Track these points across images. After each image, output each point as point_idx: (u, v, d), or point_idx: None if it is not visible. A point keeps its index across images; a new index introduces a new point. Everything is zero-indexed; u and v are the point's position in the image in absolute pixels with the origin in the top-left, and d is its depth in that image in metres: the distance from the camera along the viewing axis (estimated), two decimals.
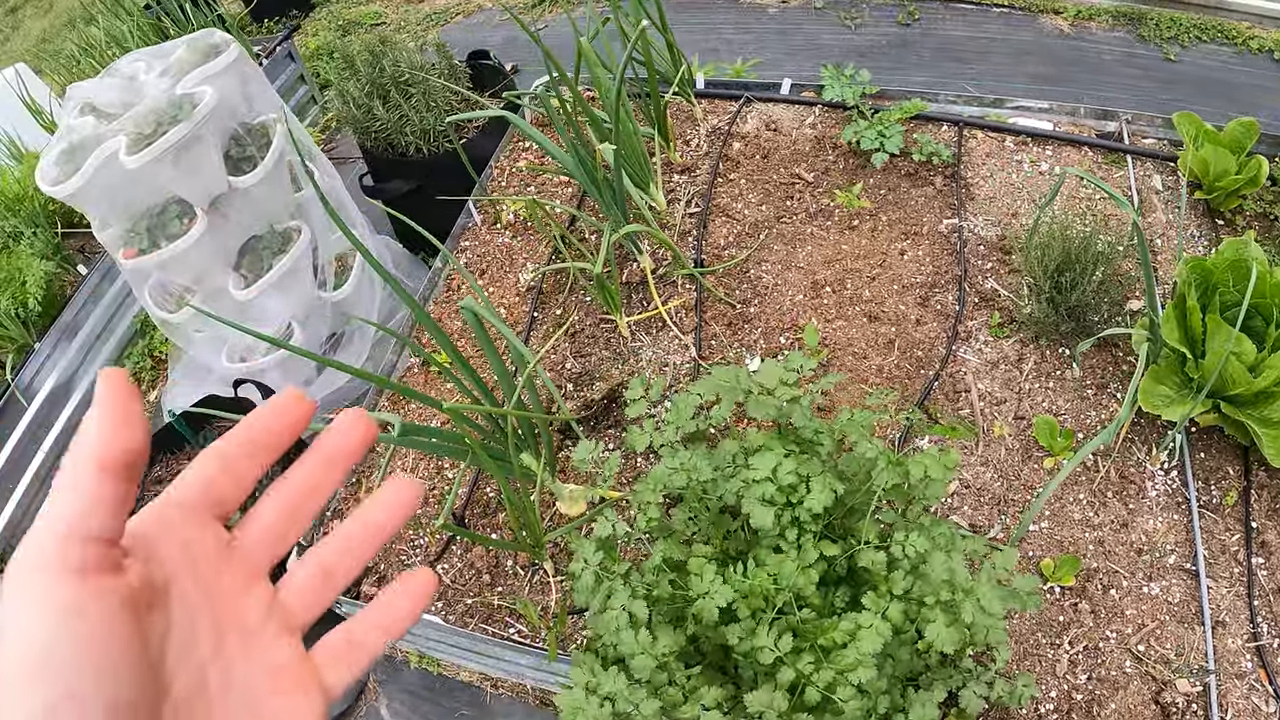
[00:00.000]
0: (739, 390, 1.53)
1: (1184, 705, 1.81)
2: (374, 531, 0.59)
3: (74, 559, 0.45)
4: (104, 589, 0.45)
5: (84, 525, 0.46)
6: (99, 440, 0.47)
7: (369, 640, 0.58)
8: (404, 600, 0.60)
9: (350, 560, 0.59)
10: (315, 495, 0.58)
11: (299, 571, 0.58)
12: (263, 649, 0.53)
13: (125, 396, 0.49)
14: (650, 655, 1.42)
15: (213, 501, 0.54)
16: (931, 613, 1.37)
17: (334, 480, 0.59)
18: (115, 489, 0.47)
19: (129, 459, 0.48)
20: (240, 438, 0.55)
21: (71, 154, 2.71)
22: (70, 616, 0.44)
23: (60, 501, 0.46)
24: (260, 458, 0.56)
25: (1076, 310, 2.26)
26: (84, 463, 0.47)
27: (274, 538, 0.57)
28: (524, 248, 2.79)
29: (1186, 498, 2.07)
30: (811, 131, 2.90)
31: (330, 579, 0.58)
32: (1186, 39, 3.99)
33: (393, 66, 3.08)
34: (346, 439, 0.58)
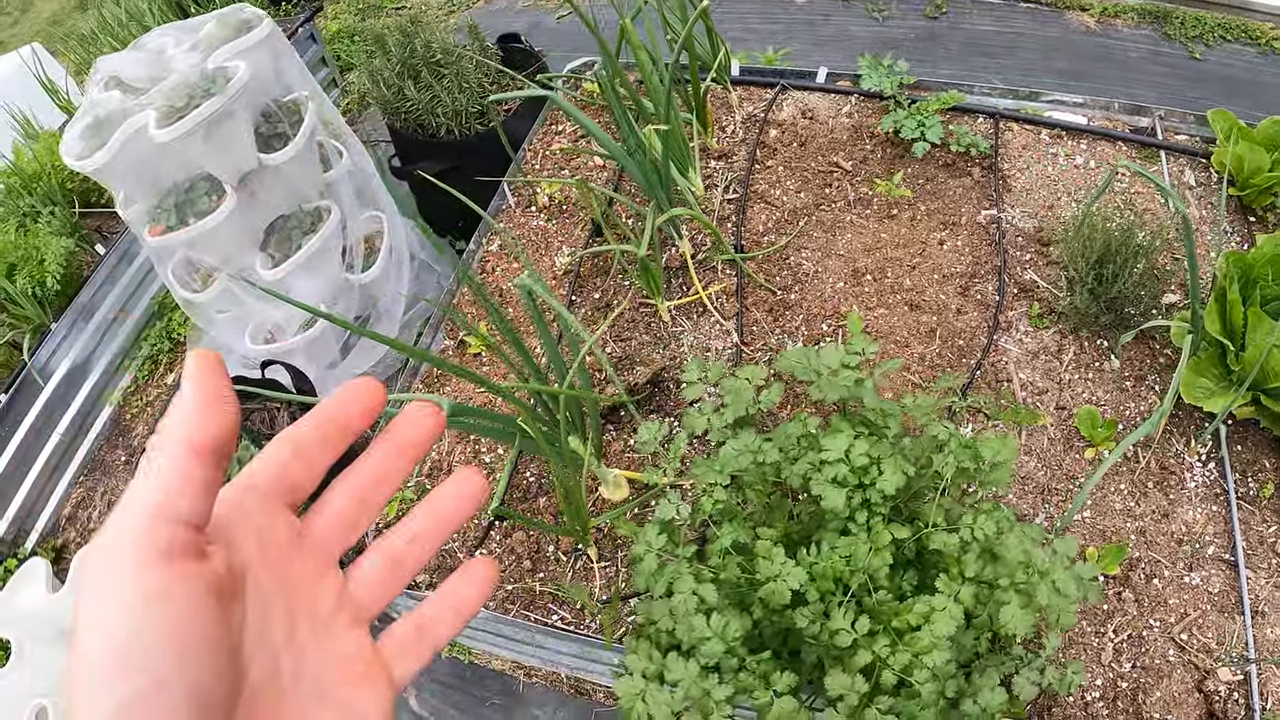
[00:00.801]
0: (811, 370, 1.53)
1: (1226, 694, 1.83)
2: (442, 522, 0.59)
3: (162, 542, 0.44)
4: (190, 574, 0.44)
5: (173, 508, 0.45)
6: (192, 421, 0.46)
7: (436, 630, 0.58)
8: (469, 588, 0.59)
9: (418, 550, 0.58)
10: (385, 484, 0.57)
11: (367, 562, 0.57)
12: (333, 639, 0.53)
13: (218, 378, 0.48)
14: (721, 640, 1.42)
15: (286, 488, 0.54)
16: (1005, 595, 1.38)
17: (403, 470, 0.58)
18: (205, 472, 0.46)
19: (220, 442, 0.47)
20: (313, 424, 0.55)
21: (97, 128, 2.69)
22: (158, 602, 0.43)
23: (149, 483, 0.45)
24: (333, 444, 0.55)
25: (1116, 302, 2.26)
26: (176, 444, 0.46)
27: (344, 527, 0.56)
28: (559, 231, 2.78)
29: (1225, 489, 2.08)
30: (848, 120, 2.90)
31: (398, 569, 0.58)
32: (1211, 38, 4.01)
33: (425, 47, 3.07)
34: (416, 429, 0.58)
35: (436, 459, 2.36)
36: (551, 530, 2.05)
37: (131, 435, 3.66)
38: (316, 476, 0.55)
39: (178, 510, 0.45)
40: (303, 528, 0.55)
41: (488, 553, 2.17)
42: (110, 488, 3.52)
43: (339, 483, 0.57)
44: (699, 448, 2.23)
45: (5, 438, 3.45)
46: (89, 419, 3.72)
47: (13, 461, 3.43)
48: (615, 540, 2.12)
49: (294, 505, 0.54)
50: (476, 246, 2.78)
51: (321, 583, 0.54)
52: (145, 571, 0.43)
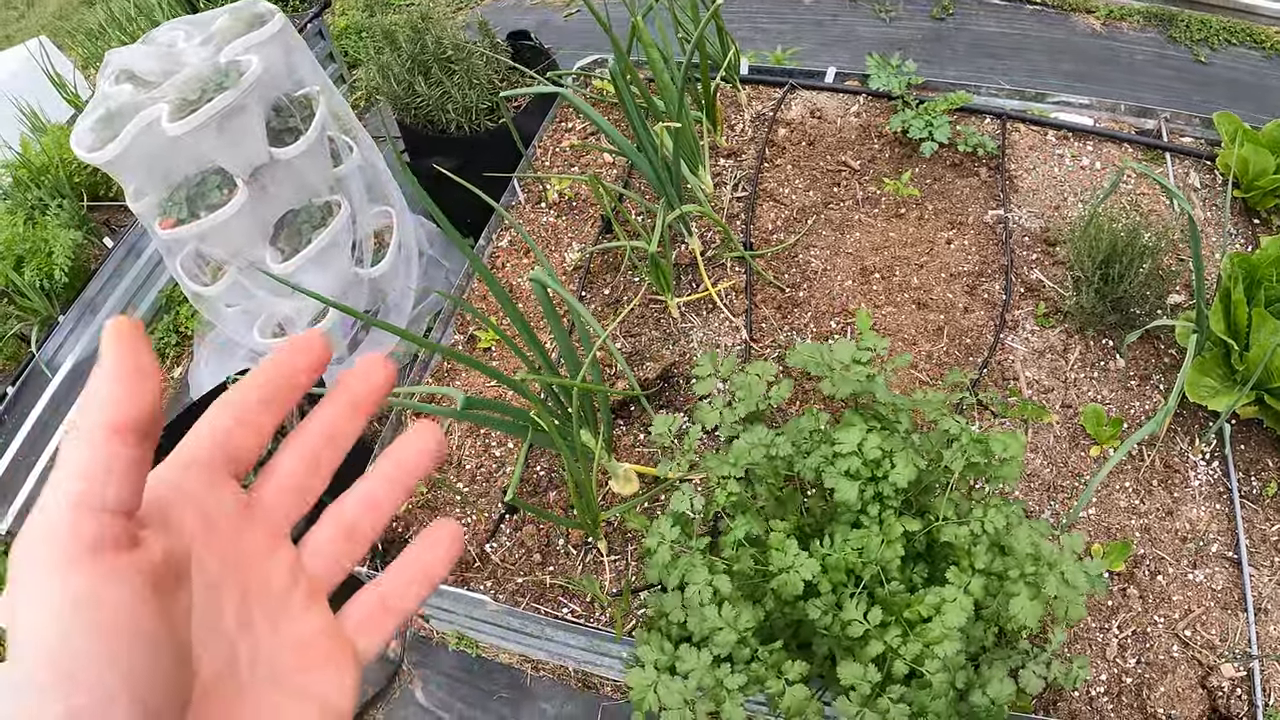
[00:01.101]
0: (824, 365, 1.55)
1: (1229, 689, 1.85)
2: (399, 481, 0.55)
3: (88, 535, 0.39)
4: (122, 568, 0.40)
5: (97, 496, 0.40)
6: (110, 399, 0.41)
7: (403, 600, 0.54)
8: (435, 551, 0.55)
9: (375, 515, 0.54)
10: (336, 444, 0.53)
11: (320, 531, 0.53)
12: (291, 619, 0.49)
13: (136, 348, 0.42)
14: (734, 630, 1.44)
15: (229, 458, 0.49)
16: (1015, 586, 1.39)
17: (355, 428, 0.54)
18: (131, 454, 0.41)
19: (144, 418, 0.41)
20: (255, 383, 0.50)
21: (109, 121, 2.70)
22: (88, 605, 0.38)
23: (69, 471, 0.40)
24: (278, 405, 0.51)
25: (1121, 302, 2.28)
26: (95, 426, 0.40)
27: (294, 494, 0.52)
28: (569, 227, 2.80)
29: (1228, 488, 2.10)
30: (856, 120, 2.92)
31: (353, 537, 0.53)
32: (1216, 41, 4.03)
33: (435, 43, 3.08)
34: (366, 381, 0.54)
35: (446, 452, 2.37)
36: (562, 523, 2.07)
37: None
38: (262, 442, 0.51)
39: (103, 498, 0.40)
40: (250, 499, 0.50)
41: (497, 545, 2.19)
42: None
43: (286, 445, 0.53)
44: (708, 443, 2.25)
45: (12, 430, 3.47)
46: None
47: (19, 454, 3.45)
48: (625, 534, 2.14)
49: (239, 475, 0.50)
50: (486, 242, 2.79)
51: (273, 557, 0.50)
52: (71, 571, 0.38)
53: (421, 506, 2.29)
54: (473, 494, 2.28)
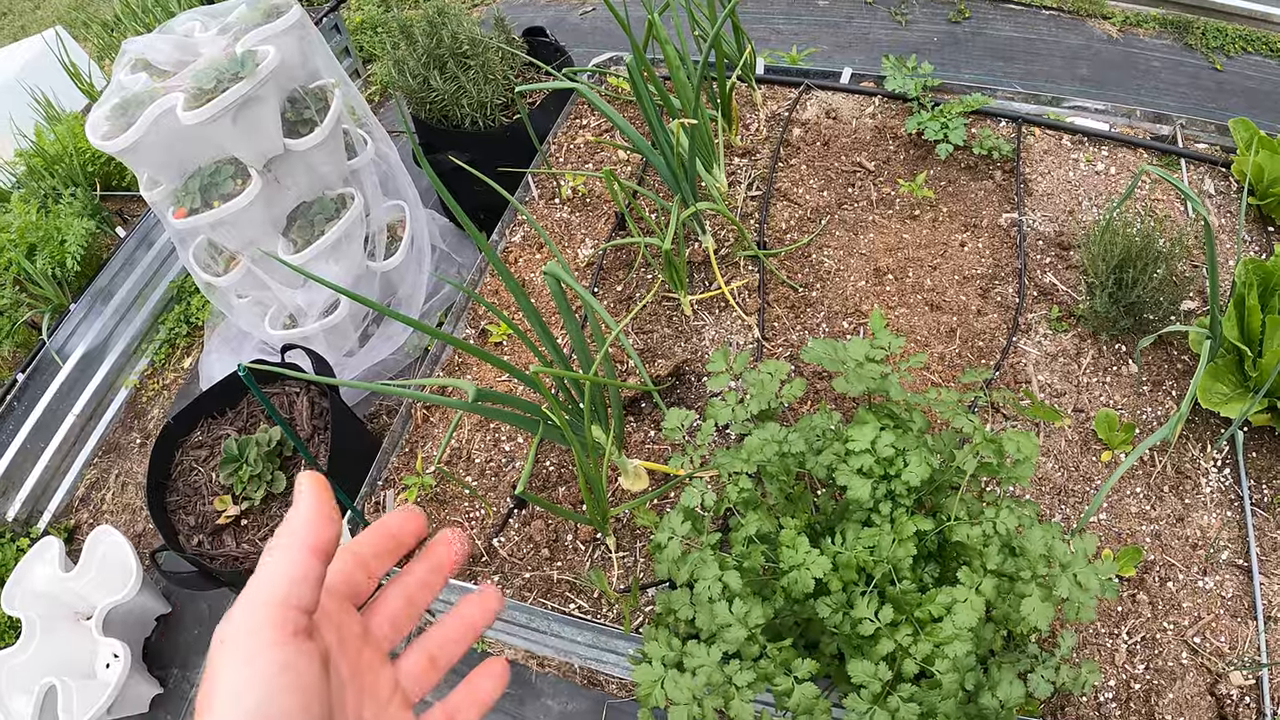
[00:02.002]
0: (838, 362, 1.54)
1: (1238, 697, 1.83)
2: (469, 628, 0.74)
3: (290, 623, 0.54)
4: (308, 650, 0.55)
5: (296, 596, 0.55)
6: (311, 528, 0.57)
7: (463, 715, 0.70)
8: (489, 681, 0.72)
9: (450, 651, 0.72)
10: (427, 591, 0.72)
11: (411, 658, 0.70)
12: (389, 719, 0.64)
13: (326, 494, 0.60)
14: (743, 626, 1.43)
15: (350, 592, 0.67)
16: (1027, 587, 1.39)
17: (440, 581, 0.73)
18: (318, 569, 0.57)
19: (331, 547, 0.58)
20: (371, 540, 0.69)
21: (124, 109, 2.71)
22: (284, 672, 0.53)
23: (274, 575, 0.56)
24: (387, 558, 0.69)
25: (1135, 307, 2.27)
26: (300, 546, 0.57)
27: (395, 626, 0.69)
28: (583, 224, 2.79)
29: (1240, 495, 2.09)
30: (871, 121, 2.91)
31: (435, 664, 0.70)
32: (1232, 48, 4.01)
33: (451, 38, 3.08)
34: (450, 549, 0.73)
35: (457, 446, 2.37)
36: (572, 518, 2.06)
37: (147, 418, 3.68)
38: (373, 584, 0.69)
39: (300, 599, 0.55)
40: (365, 623, 0.67)
41: (505, 540, 2.19)
42: (124, 470, 3.53)
43: (393, 586, 0.71)
44: (720, 440, 2.25)
45: (22, 417, 3.48)
46: (105, 401, 3.74)
47: (28, 441, 3.46)
48: (634, 530, 2.14)
49: (356, 605, 0.67)
50: (499, 238, 2.79)
51: (381, 672, 0.66)
52: (277, 648, 0.53)
53: (430, 500, 2.29)
54: (482, 487, 2.28)
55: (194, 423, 2.92)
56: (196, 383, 3.58)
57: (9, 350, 3.85)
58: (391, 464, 2.37)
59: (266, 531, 2.62)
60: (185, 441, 2.89)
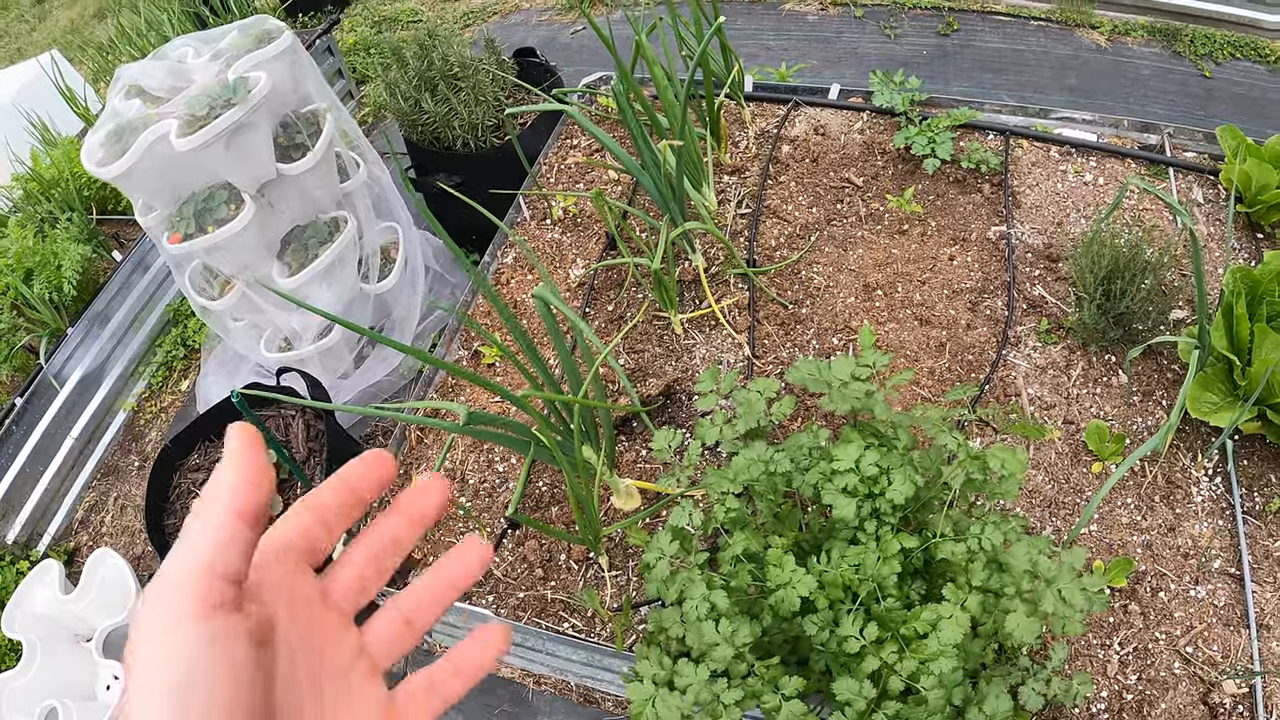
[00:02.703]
0: (822, 382, 1.56)
1: (1230, 706, 1.84)
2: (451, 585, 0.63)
3: (213, 594, 0.49)
4: (234, 625, 0.49)
5: (221, 564, 0.49)
6: (238, 491, 0.51)
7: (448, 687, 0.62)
8: (479, 650, 0.63)
9: (428, 610, 0.63)
10: (397, 549, 0.62)
11: (382, 618, 0.62)
12: (351, 690, 0.57)
13: (258, 451, 0.53)
14: (730, 645, 1.44)
15: (307, 550, 0.58)
16: (1012, 603, 1.40)
17: (413, 536, 0.63)
18: (247, 535, 0.51)
19: (261, 510, 0.52)
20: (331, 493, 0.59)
21: (119, 135, 2.72)
22: (208, 649, 0.48)
23: (197, 542, 0.50)
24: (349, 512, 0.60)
25: (1124, 318, 2.28)
26: (223, 510, 0.50)
27: (359, 587, 0.61)
28: (574, 244, 2.81)
29: (1231, 504, 2.09)
30: (860, 137, 2.93)
31: (410, 626, 0.62)
32: (1221, 55, 4.03)
33: (442, 60, 3.10)
34: (426, 499, 0.63)
35: (450, 467, 2.38)
36: (564, 538, 2.08)
37: (145, 441, 3.69)
38: (334, 541, 0.60)
39: (225, 567, 0.49)
40: (324, 586, 0.59)
41: (500, 560, 2.20)
42: (123, 493, 3.54)
43: (357, 543, 0.62)
44: (709, 459, 2.26)
45: (20, 441, 3.49)
46: (103, 424, 3.75)
47: (27, 465, 3.47)
48: (626, 550, 2.15)
49: (314, 565, 0.59)
50: (491, 259, 2.81)
51: (341, 637, 0.58)
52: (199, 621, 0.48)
53: None
54: (475, 508, 2.29)
55: (192, 445, 2.93)
56: (194, 405, 3.59)
57: (7, 374, 3.86)
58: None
59: None
60: (183, 464, 2.90)
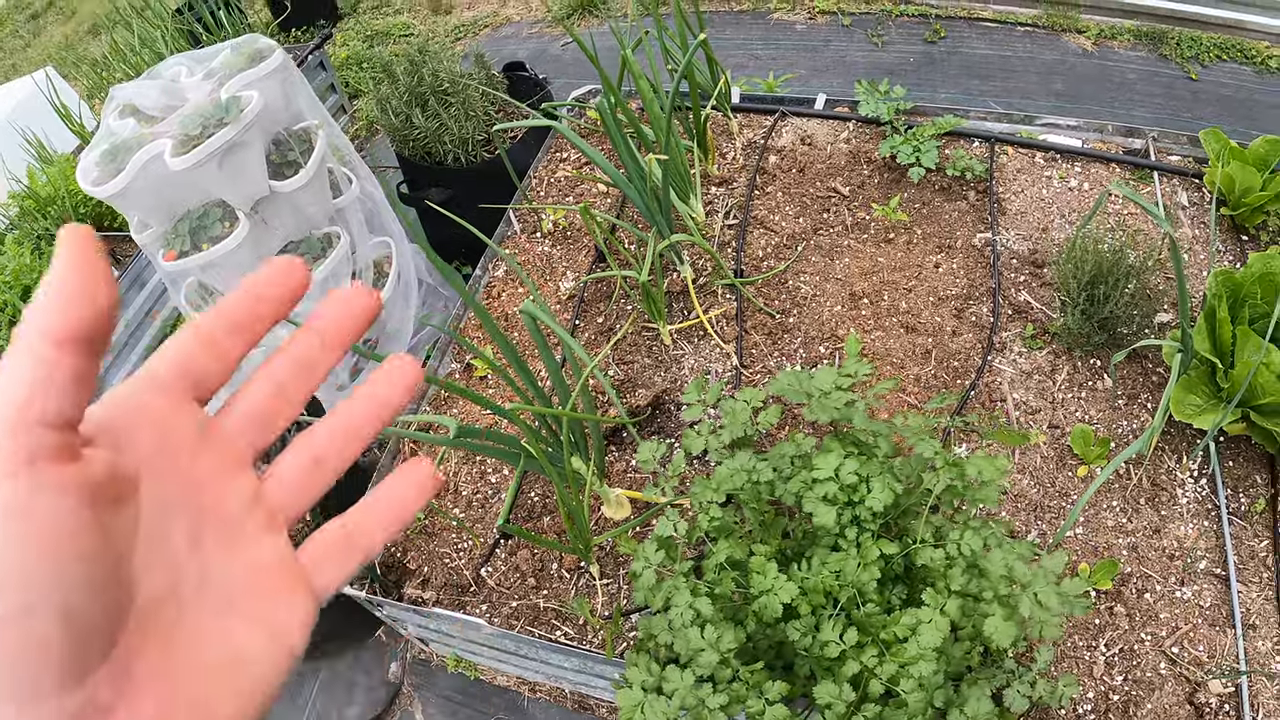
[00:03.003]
0: (802, 393, 1.58)
1: (1217, 706, 1.86)
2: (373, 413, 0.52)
3: (22, 448, 0.37)
4: (58, 481, 0.38)
5: (35, 408, 0.38)
6: (55, 307, 0.38)
7: (368, 536, 0.52)
8: (408, 490, 0.53)
9: (343, 445, 0.52)
10: (307, 375, 0.51)
11: (286, 459, 0.51)
12: (244, 545, 0.48)
13: (88, 256, 0.40)
14: (715, 651, 1.47)
15: (191, 381, 0.47)
16: (990, 607, 1.42)
17: (329, 359, 0.51)
18: (73, 364, 0.39)
19: (89, 328, 0.39)
20: (224, 308, 0.48)
21: (114, 155, 2.76)
22: (19, 516, 0.37)
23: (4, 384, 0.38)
24: (245, 331, 0.48)
25: (1108, 322, 2.31)
26: (36, 335, 0.38)
27: (260, 422, 0.50)
28: (564, 256, 2.84)
29: (1216, 505, 2.11)
30: (846, 146, 2.96)
31: (320, 466, 0.51)
32: (1207, 58, 4.06)
33: (432, 76, 3.14)
34: (348, 308, 0.51)
35: (443, 479, 2.41)
36: (555, 547, 2.10)
37: None
38: (226, 369, 0.48)
39: (42, 411, 0.38)
40: (211, 423, 0.48)
41: (493, 570, 2.22)
42: None
43: (257, 374, 0.51)
44: (700, 468, 2.28)
45: None
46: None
47: None
48: (617, 558, 2.17)
49: (202, 399, 0.48)
50: (483, 272, 2.84)
51: (231, 483, 0.48)
52: (6, 481, 0.37)
53: (419, 533, 2.33)
54: (469, 519, 2.32)
55: None
56: None
57: None
58: None
59: None
60: None
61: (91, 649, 0.40)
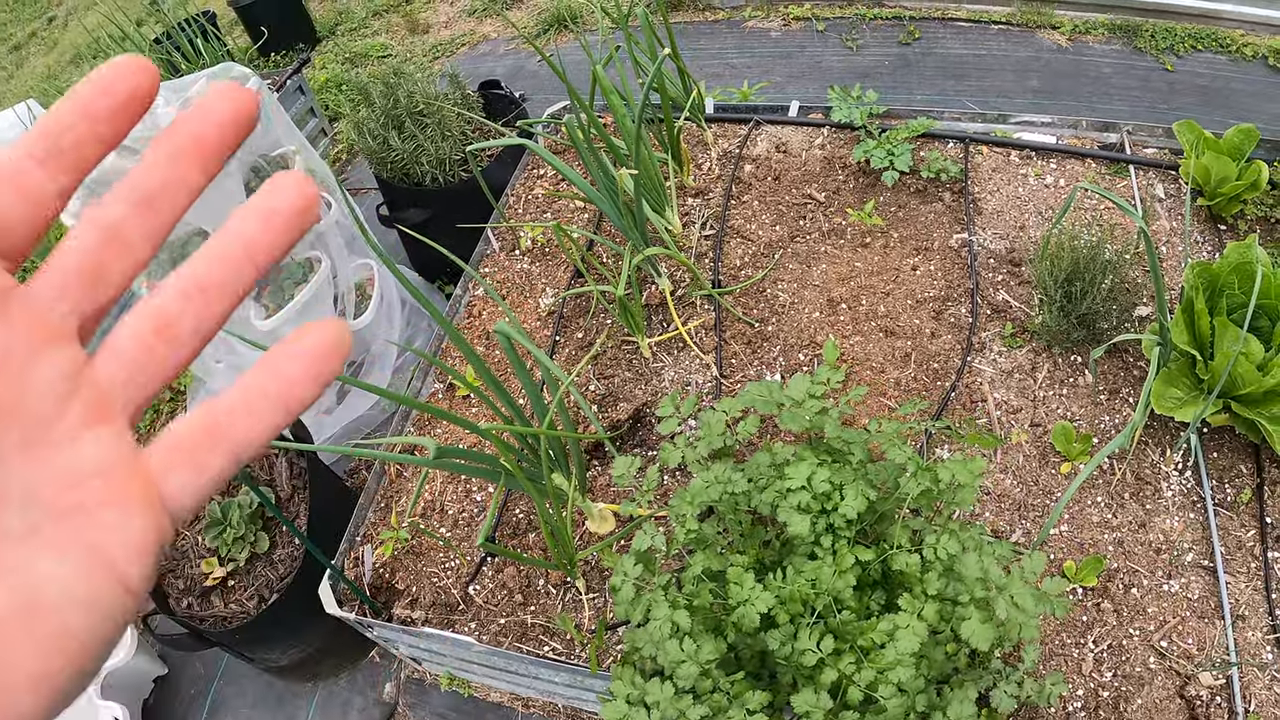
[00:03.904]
0: (773, 403, 1.59)
1: (1208, 698, 1.85)
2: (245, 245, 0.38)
3: None
4: None
5: None
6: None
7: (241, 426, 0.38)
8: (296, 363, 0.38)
9: (201, 306, 0.37)
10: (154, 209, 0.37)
11: (123, 328, 0.37)
12: (57, 442, 0.35)
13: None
14: (695, 663, 1.47)
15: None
16: (966, 610, 1.42)
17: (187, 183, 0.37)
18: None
19: None
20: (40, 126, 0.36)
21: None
22: None
23: None
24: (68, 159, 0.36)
25: (1087, 318, 2.31)
26: None
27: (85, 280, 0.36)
28: (543, 273, 2.85)
29: (1202, 496, 2.11)
30: (821, 152, 2.96)
31: (170, 332, 0.37)
32: (1182, 48, 4.07)
33: (407, 98, 3.15)
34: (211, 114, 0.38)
35: (430, 499, 2.41)
36: (539, 564, 2.10)
37: None
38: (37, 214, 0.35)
39: None
40: (15, 288, 0.35)
41: (480, 588, 2.23)
42: None
43: (86, 212, 0.37)
44: (683, 480, 2.28)
45: None
46: None
47: None
48: (602, 572, 2.18)
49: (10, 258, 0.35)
50: (463, 292, 2.85)
51: (39, 360, 0.35)
52: None
53: (407, 553, 2.33)
54: (455, 538, 2.32)
55: None
56: None
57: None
58: (368, 520, 2.41)
59: (253, 591, 2.66)
60: None
61: None
